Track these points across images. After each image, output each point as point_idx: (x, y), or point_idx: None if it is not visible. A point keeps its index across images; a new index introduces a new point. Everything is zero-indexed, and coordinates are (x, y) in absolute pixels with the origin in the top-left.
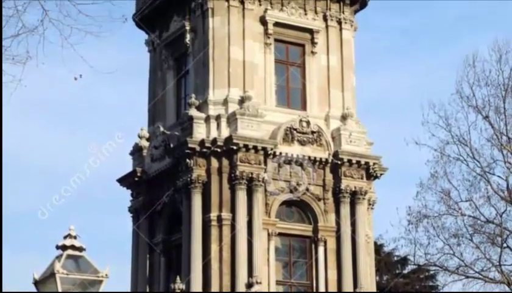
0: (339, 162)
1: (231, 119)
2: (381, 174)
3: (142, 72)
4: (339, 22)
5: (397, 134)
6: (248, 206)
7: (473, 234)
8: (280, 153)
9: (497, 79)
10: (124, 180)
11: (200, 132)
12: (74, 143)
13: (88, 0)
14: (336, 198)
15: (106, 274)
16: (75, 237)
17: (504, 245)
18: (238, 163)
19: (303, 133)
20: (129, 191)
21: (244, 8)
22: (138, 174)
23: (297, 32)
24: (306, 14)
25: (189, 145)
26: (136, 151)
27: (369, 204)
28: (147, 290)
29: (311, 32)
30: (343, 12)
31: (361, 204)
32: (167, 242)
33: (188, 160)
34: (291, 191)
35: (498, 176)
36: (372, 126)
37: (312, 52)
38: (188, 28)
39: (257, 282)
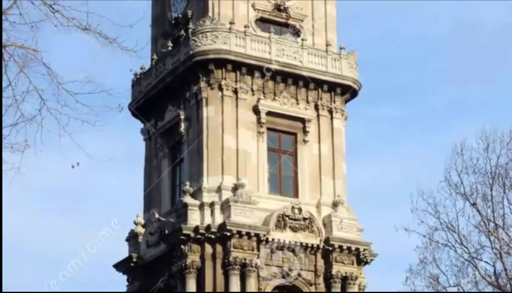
0: (330, 248)
1: (225, 206)
2: (371, 260)
3: (138, 160)
4: (330, 112)
5: (387, 220)
6: (242, 290)
7: None
8: (273, 239)
9: (485, 166)
10: (120, 266)
11: (194, 218)
12: (71, 229)
13: (85, 91)
14: (328, 283)
15: None
16: None
17: None
18: (232, 249)
19: (295, 219)
20: (125, 277)
21: (237, 98)
22: (134, 260)
23: (289, 121)
24: (298, 103)
25: (184, 232)
26: (132, 237)
27: (360, 289)
28: None
29: (303, 121)
30: (334, 102)
31: (351, 289)
32: None
33: (182, 246)
34: (283, 277)
35: (486, 262)
36: (362, 213)
37: (304, 141)
38: (182, 117)
39: None
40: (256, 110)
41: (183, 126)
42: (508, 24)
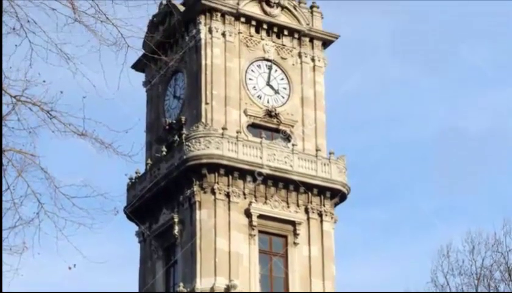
0: None
1: None
2: None
3: (133, 262)
4: (320, 215)
5: None
6: None
7: None
8: None
9: (470, 268)
10: None
11: None
12: None
13: (82, 194)
14: None
15: None
16: None
17: None
18: None
19: None
20: None
21: (229, 201)
22: None
23: (280, 224)
24: (288, 207)
25: None
26: None
27: None
28: None
29: (293, 223)
30: (324, 205)
31: None
32: None
33: None
34: None
35: None
36: None
37: (295, 243)
38: (176, 220)
39: None
40: (248, 214)
41: (176, 228)
42: (492, 130)
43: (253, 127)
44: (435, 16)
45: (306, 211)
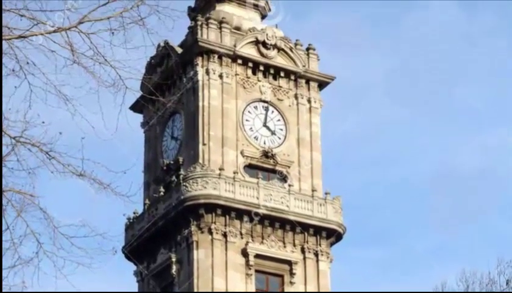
0: None
1: None
2: None
3: None
4: (316, 254)
5: None
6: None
7: None
8: None
9: None
10: None
11: None
12: None
13: (80, 234)
14: None
15: None
16: None
17: None
18: None
19: None
20: None
21: (226, 241)
22: None
23: (277, 264)
24: (285, 246)
25: None
26: None
27: None
28: None
29: (289, 263)
30: (320, 245)
31: None
32: None
33: None
34: None
35: None
36: None
37: (291, 282)
38: (174, 260)
39: None
40: (244, 253)
41: (174, 268)
42: (485, 170)
43: (250, 167)
44: (429, 57)
45: (303, 251)
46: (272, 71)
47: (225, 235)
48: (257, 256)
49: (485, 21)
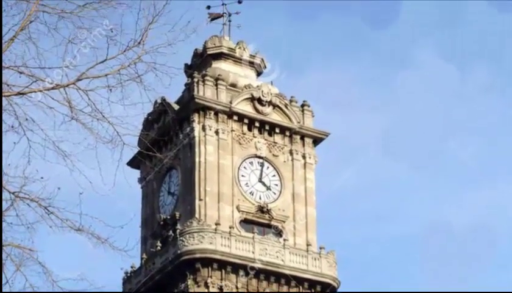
0: None
1: None
2: None
3: None
4: None
5: None
6: None
7: None
8: None
9: None
10: None
11: None
12: None
13: (79, 288)
14: None
15: None
16: None
17: None
18: None
19: None
20: None
21: None
22: None
23: None
24: None
25: None
26: None
27: None
28: None
29: None
30: None
31: None
32: None
33: None
34: None
35: None
36: None
37: None
38: None
39: None
40: None
41: None
42: (478, 226)
43: (246, 222)
44: (423, 114)
45: None
46: (267, 127)
47: (221, 289)
48: None
49: (478, 79)
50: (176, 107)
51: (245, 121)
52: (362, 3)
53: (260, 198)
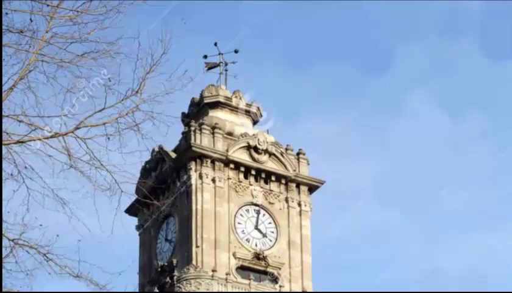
0: None
1: None
2: None
3: None
4: None
5: None
6: None
7: None
8: None
9: None
10: None
11: None
12: None
13: None
14: None
15: None
16: None
17: None
18: None
19: None
20: None
21: None
22: None
23: None
24: None
25: None
26: None
27: None
28: None
29: None
30: None
31: None
32: None
33: None
34: None
35: None
36: None
37: None
38: None
39: None
40: None
41: None
42: (471, 273)
43: (242, 269)
44: (417, 162)
45: None
46: (263, 175)
47: None
48: None
49: (470, 126)
50: (173, 155)
51: (242, 169)
52: (356, 51)
53: (256, 245)
